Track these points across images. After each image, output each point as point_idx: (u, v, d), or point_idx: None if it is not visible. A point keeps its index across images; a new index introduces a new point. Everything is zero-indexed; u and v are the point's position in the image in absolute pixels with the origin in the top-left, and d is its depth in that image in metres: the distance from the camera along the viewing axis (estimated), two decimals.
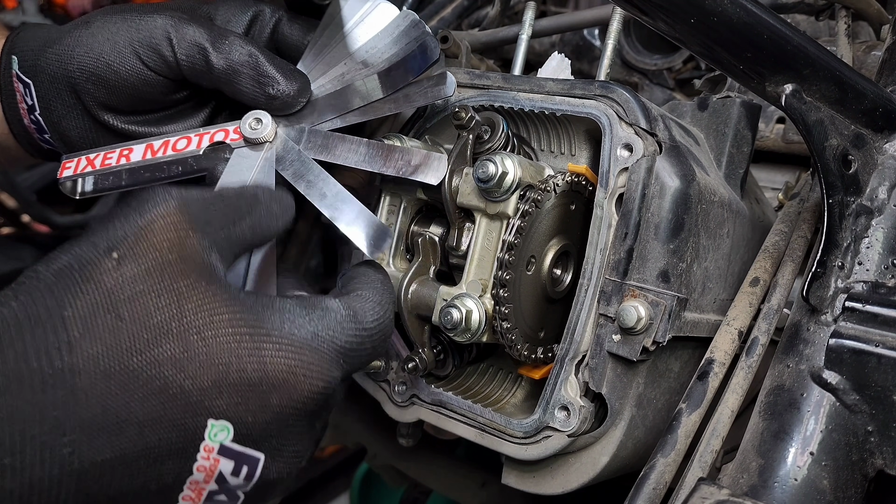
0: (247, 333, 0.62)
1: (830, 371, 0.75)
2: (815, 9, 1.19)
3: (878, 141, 0.82)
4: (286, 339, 0.64)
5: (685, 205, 0.80)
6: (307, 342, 0.65)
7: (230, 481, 0.63)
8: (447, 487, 1.70)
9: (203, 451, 0.60)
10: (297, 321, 0.66)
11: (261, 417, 0.62)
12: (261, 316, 0.64)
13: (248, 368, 0.61)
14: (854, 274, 0.78)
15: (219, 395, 0.60)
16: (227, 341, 0.61)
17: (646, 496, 0.74)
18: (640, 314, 0.78)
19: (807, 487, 0.71)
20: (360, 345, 0.69)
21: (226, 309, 0.62)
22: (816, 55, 0.74)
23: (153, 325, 0.59)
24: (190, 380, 0.59)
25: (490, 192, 0.81)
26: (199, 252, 0.63)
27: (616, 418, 0.84)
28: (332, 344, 0.67)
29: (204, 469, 0.61)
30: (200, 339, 0.60)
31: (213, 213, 0.66)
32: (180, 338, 0.59)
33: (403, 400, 0.94)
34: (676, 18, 0.68)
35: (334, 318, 0.68)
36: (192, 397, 0.59)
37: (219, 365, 0.60)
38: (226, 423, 0.61)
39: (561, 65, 0.99)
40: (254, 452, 0.63)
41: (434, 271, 0.88)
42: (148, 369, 0.58)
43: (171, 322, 0.59)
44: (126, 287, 0.59)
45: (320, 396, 0.66)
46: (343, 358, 0.68)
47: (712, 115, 0.92)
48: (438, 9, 1.48)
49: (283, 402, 0.63)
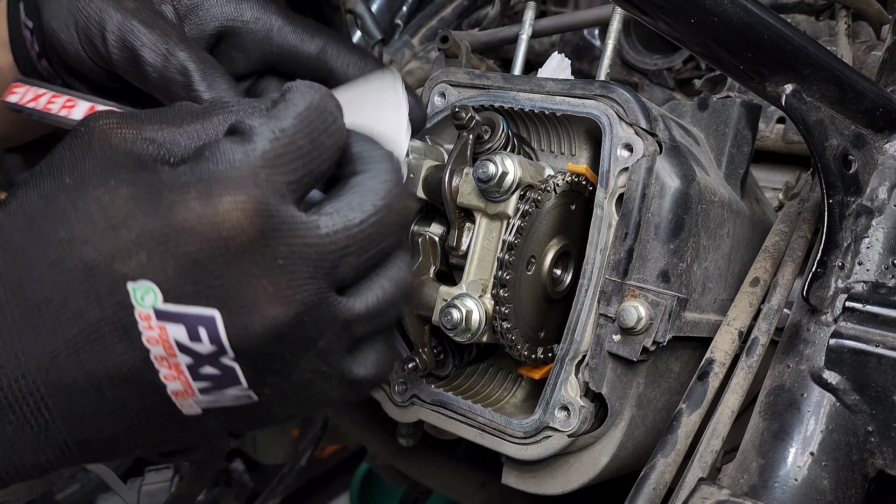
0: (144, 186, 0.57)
1: (831, 371, 0.75)
2: (815, 9, 1.19)
3: (878, 141, 0.82)
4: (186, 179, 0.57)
5: (685, 205, 0.80)
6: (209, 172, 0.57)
7: (198, 349, 0.57)
8: (447, 487, 1.71)
9: (140, 319, 0.56)
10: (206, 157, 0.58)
11: (183, 266, 0.55)
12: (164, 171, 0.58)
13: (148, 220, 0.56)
14: (854, 274, 0.78)
15: (127, 255, 0.55)
16: (123, 200, 0.56)
17: (646, 496, 0.74)
18: (640, 314, 0.78)
19: (807, 487, 0.71)
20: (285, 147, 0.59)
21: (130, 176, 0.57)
22: (816, 55, 0.74)
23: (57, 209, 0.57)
24: (93, 249, 0.55)
25: (490, 192, 0.81)
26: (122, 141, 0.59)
27: (616, 418, 0.84)
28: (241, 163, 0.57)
29: (155, 340, 0.56)
30: (100, 209, 0.56)
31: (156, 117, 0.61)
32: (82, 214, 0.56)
33: (403, 400, 0.94)
34: (676, 18, 0.68)
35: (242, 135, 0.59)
36: (102, 266, 0.55)
37: (119, 226, 0.56)
38: (146, 282, 0.55)
39: (561, 65, 0.99)
40: (199, 310, 0.56)
41: (434, 271, 0.88)
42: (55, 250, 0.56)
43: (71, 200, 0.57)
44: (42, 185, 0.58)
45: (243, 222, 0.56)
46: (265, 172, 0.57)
47: (712, 115, 0.92)
48: (438, 9, 1.48)
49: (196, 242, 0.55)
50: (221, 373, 0.59)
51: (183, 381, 0.58)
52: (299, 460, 1.26)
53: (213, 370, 0.58)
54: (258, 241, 0.56)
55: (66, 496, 2.37)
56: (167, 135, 0.60)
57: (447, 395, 0.90)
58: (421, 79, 1.38)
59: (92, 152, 0.58)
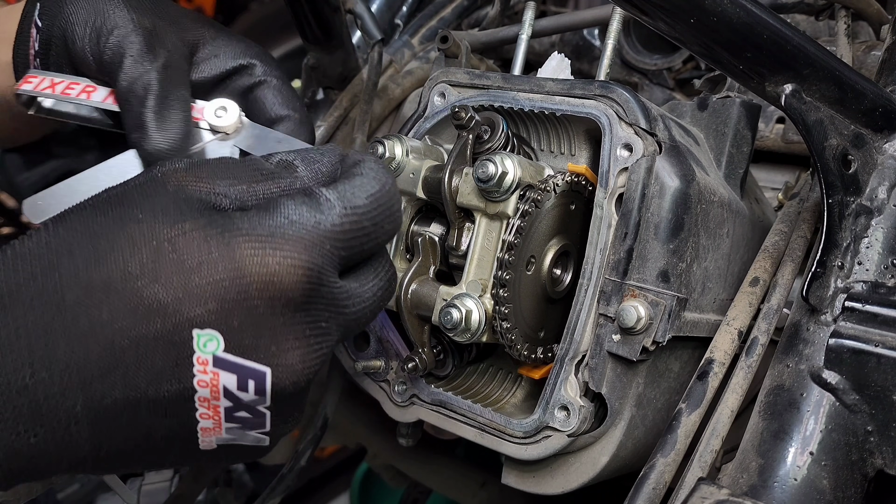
0: (217, 233, 0.60)
1: (830, 371, 0.75)
2: (815, 9, 1.19)
3: (877, 141, 0.82)
4: (258, 231, 0.60)
5: (685, 205, 0.80)
6: (282, 231, 0.61)
7: (241, 396, 0.61)
8: (447, 487, 1.71)
9: (197, 363, 0.59)
10: (274, 212, 0.62)
11: (246, 320, 0.59)
12: (236, 218, 0.61)
13: (220, 268, 0.59)
14: (854, 274, 0.78)
15: (196, 302, 0.58)
16: (197, 244, 0.59)
17: (646, 496, 0.74)
18: (639, 314, 0.78)
19: (806, 487, 0.71)
20: (351, 224, 0.64)
21: (200, 216, 0.60)
22: (816, 55, 0.74)
23: (127, 239, 0.59)
24: (163, 289, 0.58)
25: (490, 192, 0.81)
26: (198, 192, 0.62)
27: (616, 418, 0.84)
28: (313, 229, 0.62)
29: (205, 384, 0.60)
30: (171, 247, 0.58)
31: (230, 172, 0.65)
32: (152, 248, 0.58)
33: (403, 400, 0.94)
34: (676, 18, 0.68)
35: (316, 202, 0.63)
36: (170, 308, 0.58)
37: (190, 269, 0.58)
38: (211, 332, 0.59)
39: (561, 65, 0.99)
40: (254, 365, 0.60)
41: (434, 271, 0.89)
42: (122, 283, 0.57)
43: (143, 233, 0.59)
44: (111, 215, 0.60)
45: (306, 286, 0.61)
46: (329, 242, 0.62)
47: (712, 115, 0.92)
48: (438, 9, 1.48)
49: (264, 298, 0.60)
50: (253, 417, 0.63)
51: (216, 421, 0.62)
52: (299, 460, 1.26)
53: (246, 414, 0.63)
54: (314, 306, 0.63)
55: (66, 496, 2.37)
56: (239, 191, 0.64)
57: (447, 394, 0.90)
58: (421, 79, 1.38)
59: (166, 195, 0.61)
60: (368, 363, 0.96)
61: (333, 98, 1.33)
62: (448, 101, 0.94)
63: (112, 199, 0.62)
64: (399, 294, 0.86)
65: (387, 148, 0.87)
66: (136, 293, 0.58)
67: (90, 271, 0.57)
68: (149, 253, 0.58)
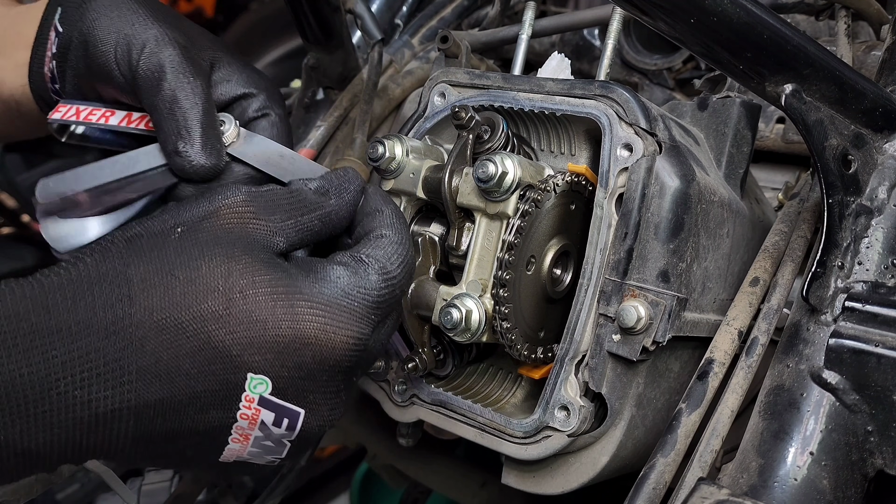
0: (283, 294, 0.67)
1: (830, 371, 0.75)
2: (815, 9, 1.19)
3: (877, 141, 0.82)
4: (318, 300, 0.69)
5: (685, 205, 0.80)
6: (338, 301, 0.69)
7: (273, 430, 0.69)
8: (447, 487, 1.71)
9: (244, 400, 0.67)
10: (331, 281, 0.70)
11: (296, 373, 0.68)
12: (298, 279, 0.69)
13: (283, 326, 0.67)
14: (854, 274, 0.78)
15: (257, 351, 0.66)
16: (265, 301, 0.66)
17: (646, 496, 0.74)
18: (639, 314, 0.78)
19: (806, 487, 0.71)
20: (389, 294, 0.73)
21: (267, 272, 0.68)
22: (816, 55, 0.74)
23: (202, 283, 0.65)
24: (230, 336, 0.65)
25: (490, 191, 0.81)
26: (261, 233, 0.70)
27: (616, 418, 0.84)
28: (362, 301, 0.71)
29: (247, 417, 0.67)
30: (242, 298, 0.66)
31: (280, 206, 0.73)
32: (224, 295, 0.65)
33: (403, 400, 0.94)
34: (676, 18, 0.68)
35: (364, 275, 0.72)
36: (233, 352, 0.65)
37: (257, 322, 0.66)
38: (264, 377, 0.66)
39: (561, 65, 0.99)
40: (293, 406, 0.69)
41: (434, 271, 0.89)
42: (193, 324, 0.64)
43: (217, 281, 0.66)
44: (184, 253, 0.66)
45: (353, 353, 0.70)
46: (373, 312, 0.72)
47: (712, 115, 0.92)
48: (438, 9, 1.48)
49: (316, 359, 0.68)
50: (275, 445, 0.71)
51: (243, 446, 0.70)
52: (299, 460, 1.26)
53: (270, 443, 0.71)
54: (354, 367, 0.72)
55: (66, 496, 2.37)
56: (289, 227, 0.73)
57: (447, 394, 0.90)
58: (421, 79, 1.38)
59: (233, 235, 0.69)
60: None
61: (333, 98, 1.33)
62: (448, 101, 0.94)
63: (184, 236, 0.68)
64: None
65: (387, 148, 0.87)
66: (205, 337, 0.64)
67: (165, 311, 0.64)
68: (222, 301, 0.65)
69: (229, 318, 0.65)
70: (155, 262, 0.65)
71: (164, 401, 0.64)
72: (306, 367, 0.68)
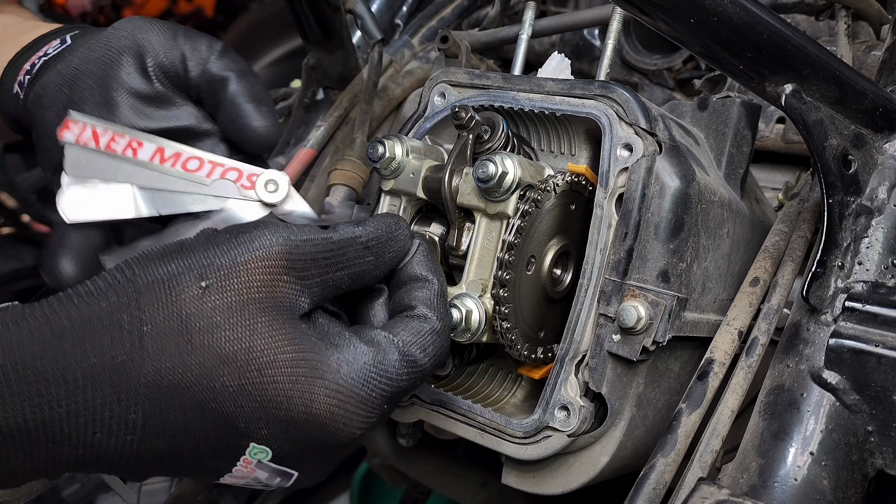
0: (302, 375, 0.66)
1: (830, 371, 0.75)
2: (815, 9, 1.19)
3: (877, 141, 0.82)
4: (337, 385, 0.67)
5: (685, 205, 0.80)
6: (356, 390, 0.68)
7: (267, 483, 0.70)
8: (447, 487, 1.70)
9: (242, 462, 0.67)
10: (354, 362, 0.68)
11: (298, 447, 0.68)
12: (320, 355, 0.67)
13: (297, 408, 0.65)
14: (854, 274, 0.78)
15: (265, 426, 0.65)
16: (283, 381, 0.65)
17: (646, 496, 0.74)
18: (639, 314, 0.78)
19: (807, 487, 0.71)
20: (410, 385, 0.71)
21: (290, 348, 0.65)
22: (816, 55, 0.74)
23: (220, 354, 0.63)
24: (241, 409, 0.64)
25: (490, 191, 0.81)
26: (288, 296, 0.67)
27: (616, 418, 0.84)
28: (381, 392, 0.69)
29: (241, 473, 0.68)
30: (260, 377, 0.64)
31: (317, 262, 0.68)
32: (242, 371, 0.63)
33: (403, 400, 0.94)
34: (676, 18, 0.68)
35: (390, 362, 0.69)
36: (240, 424, 0.64)
37: (271, 401, 0.65)
38: (266, 448, 0.66)
39: (561, 65, 0.99)
40: (289, 469, 0.69)
41: None
42: (206, 394, 0.62)
43: (237, 356, 0.63)
44: (205, 317, 0.63)
45: (356, 437, 0.70)
46: (389, 402, 0.70)
47: (712, 115, 0.92)
48: (438, 9, 1.48)
49: (322, 440, 0.68)
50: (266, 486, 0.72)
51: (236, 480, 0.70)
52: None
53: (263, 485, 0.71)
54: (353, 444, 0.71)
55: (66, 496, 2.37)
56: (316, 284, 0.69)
57: (447, 394, 0.90)
58: (421, 79, 1.38)
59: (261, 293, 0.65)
60: None
61: (333, 98, 1.33)
62: (448, 101, 0.94)
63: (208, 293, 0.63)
64: None
65: (387, 148, 0.87)
66: (216, 407, 0.63)
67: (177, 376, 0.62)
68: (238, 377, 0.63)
69: (245, 395, 0.64)
70: (174, 319, 0.62)
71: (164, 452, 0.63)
72: (310, 445, 0.68)
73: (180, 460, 0.65)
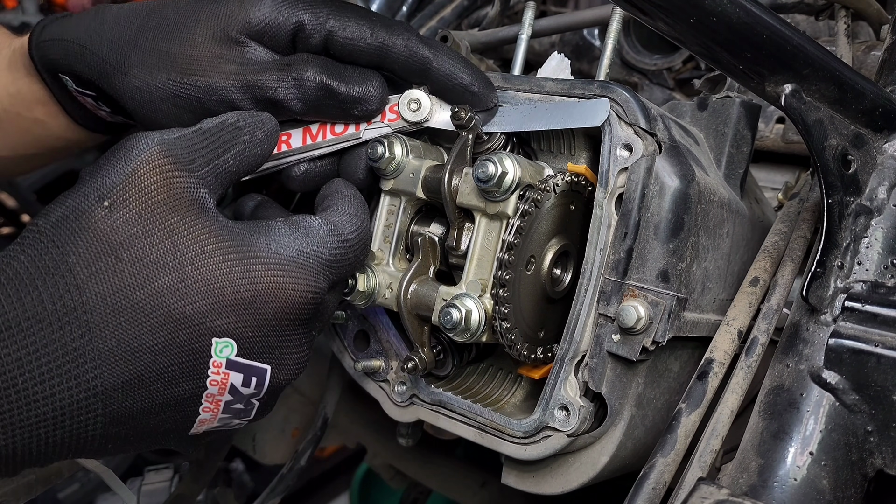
0: (237, 258, 0.68)
1: (830, 371, 0.75)
2: (814, 9, 1.19)
3: (877, 141, 0.82)
4: (273, 259, 0.70)
5: (685, 205, 0.80)
6: (293, 259, 0.71)
7: (242, 391, 0.70)
8: (447, 487, 1.71)
9: (213, 366, 0.67)
10: (283, 241, 0.71)
11: (259, 331, 0.69)
12: (249, 240, 0.70)
13: (241, 289, 0.68)
14: (854, 274, 0.78)
15: (218, 316, 0.67)
16: (219, 267, 0.67)
17: (645, 496, 0.74)
18: (639, 314, 0.78)
19: (806, 487, 0.71)
20: (342, 256, 0.75)
21: (216, 238, 0.68)
22: (816, 55, 0.74)
23: (150, 261, 0.65)
24: (190, 305, 0.66)
25: (490, 191, 0.81)
26: (186, 189, 0.69)
27: (616, 418, 0.84)
28: (316, 258, 0.72)
29: (216, 383, 0.68)
30: (195, 269, 0.66)
31: (196, 151, 0.72)
32: (176, 269, 0.66)
33: (403, 400, 0.94)
34: (676, 18, 0.68)
35: (317, 235, 0.73)
36: (195, 321, 0.66)
37: (214, 289, 0.67)
38: (228, 339, 0.67)
39: (561, 65, 0.99)
40: (259, 364, 0.70)
41: (434, 271, 0.88)
42: (151, 300, 0.64)
43: (166, 257, 0.66)
44: (121, 231, 0.65)
45: (310, 306, 0.72)
46: (328, 270, 0.73)
47: (712, 115, 0.92)
48: (438, 9, 1.48)
49: (276, 314, 0.69)
50: (245, 408, 0.72)
51: (214, 415, 0.70)
52: (299, 460, 1.26)
53: (240, 406, 0.71)
54: (312, 319, 0.74)
55: (66, 496, 2.37)
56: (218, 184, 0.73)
57: (447, 394, 0.90)
58: None
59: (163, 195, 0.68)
60: (368, 363, 0.96)
61: None
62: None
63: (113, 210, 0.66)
64: (399, 294, 0.86)
65: (386, 148, 0.87)
66: (165, 311, 0.65)
67: (118, 294, 0.63)
68: (175, 275, 0.66)
69: (186, 289, 0.65)
70: (94, 245, 0.64)
71: (130, 381, 0.63)
72: (268, 323, 0.69)
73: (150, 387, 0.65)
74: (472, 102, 0.84)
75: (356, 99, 0.81)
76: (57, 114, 0.92)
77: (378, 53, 0.82)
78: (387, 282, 0.88)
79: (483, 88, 0.84)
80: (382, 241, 0.91)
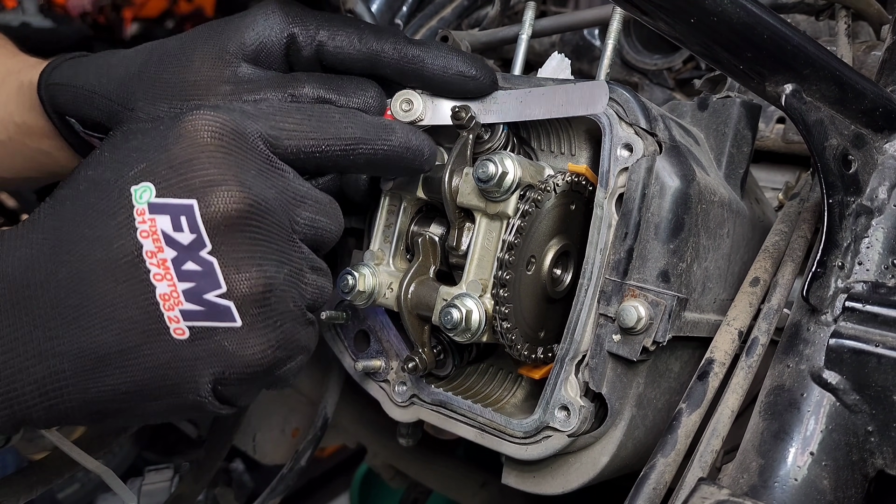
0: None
1: (830, 371, 0.75)
2: (815, 9, 1.19)
3: (878, 141, 0.82)
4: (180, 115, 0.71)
5: (685, 205, 0.80)
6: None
7: (179, 238, 0.66)
8: (447, 487, 1.71)
9: (136, 215, 0.66)
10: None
11: (170, 165, 0.67)
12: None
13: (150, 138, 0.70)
14: (854, 274, 0.78)
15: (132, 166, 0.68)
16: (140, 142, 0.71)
17: (646, 496, 0.74)
18: (640, 314, 0.78)
19: (807, 487, 0.71)
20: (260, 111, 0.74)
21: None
22: (816, 55, 0.74)
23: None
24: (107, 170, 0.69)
25: (490, 192, 0.81)
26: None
27: (616, 418, 0.84)
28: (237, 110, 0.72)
29: (146, 233, 0.66)
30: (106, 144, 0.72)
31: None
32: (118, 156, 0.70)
33: (403, 400, 0.94)
34: (676, 18, 0.68)
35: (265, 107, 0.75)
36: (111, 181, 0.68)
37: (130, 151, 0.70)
38: (145, 183, 0.67)
39: (561, 65, 0.99)
40: (181, 200, 0.66)
41: (434, 271, 0.88)
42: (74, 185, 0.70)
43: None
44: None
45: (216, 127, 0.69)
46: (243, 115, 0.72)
47: (712, 115, 0.92)
48: (438, 9, 1.47)
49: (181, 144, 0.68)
50: (202, 269, 0.66)
51: (169, 281, 0.66)
52: (299, 460, 1.26)
53: (194, 266, 0.66)
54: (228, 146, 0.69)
55: (66, 496, 2.36)
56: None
57: (447, 394, 0.90)
58: None
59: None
60: (369, 363, 0.96)
61: None
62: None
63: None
64: (399, 294, 0.86)
65: None
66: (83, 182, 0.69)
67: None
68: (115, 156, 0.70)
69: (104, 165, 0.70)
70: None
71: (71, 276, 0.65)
72: (177, 155, 0.67)
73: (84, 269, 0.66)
74: (473, 88, 0.85)
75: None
76: (62, 147, 0.94)
77: (370, 60, 0.83)
78: (387, 282, 0.88)
79: (481, 71, 0.84)
80: (383, 241, 0.91)
